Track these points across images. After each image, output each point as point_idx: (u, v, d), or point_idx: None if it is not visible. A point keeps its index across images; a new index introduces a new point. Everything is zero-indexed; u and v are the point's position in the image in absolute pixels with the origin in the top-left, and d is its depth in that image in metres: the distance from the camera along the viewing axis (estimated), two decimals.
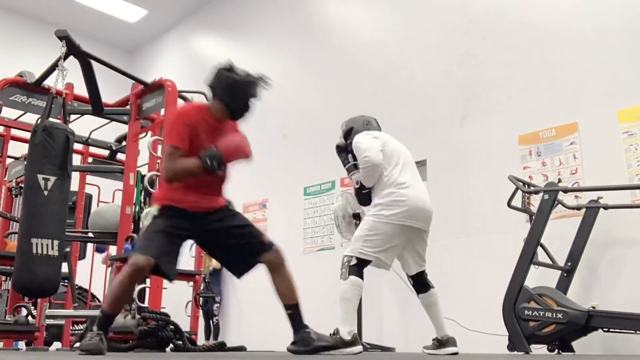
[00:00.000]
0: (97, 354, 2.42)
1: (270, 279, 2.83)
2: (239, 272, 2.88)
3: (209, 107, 2.79)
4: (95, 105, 4.34)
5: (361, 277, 3.05)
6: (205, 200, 2.75)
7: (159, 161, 4.25)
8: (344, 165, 3.52)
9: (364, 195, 3.38)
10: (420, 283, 3.27)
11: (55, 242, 3.41)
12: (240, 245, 2.79)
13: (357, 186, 3.36)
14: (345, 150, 3.51)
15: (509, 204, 4.13)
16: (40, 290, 3.57)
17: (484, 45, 5.37)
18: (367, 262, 3.10)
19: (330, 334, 3.00)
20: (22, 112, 4.82)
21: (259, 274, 4.17)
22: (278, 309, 2.91)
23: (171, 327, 3.59)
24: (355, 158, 3.40)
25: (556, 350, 3.76)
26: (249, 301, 6.92)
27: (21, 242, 3.41)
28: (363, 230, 3.13)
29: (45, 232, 3.37)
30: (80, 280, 5.79)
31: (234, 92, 2.79)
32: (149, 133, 4.80)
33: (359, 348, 2.94)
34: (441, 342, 3.19)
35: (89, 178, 5.90)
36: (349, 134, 3.52)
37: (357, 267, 3.06)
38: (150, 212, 2.69)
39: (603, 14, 4.65)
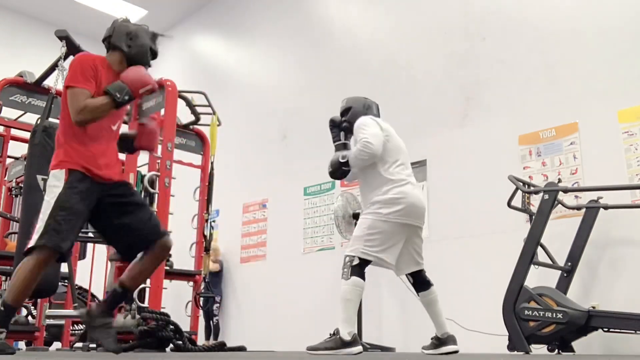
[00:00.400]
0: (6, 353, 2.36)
1: (141, 256, 2.69)
2: (128, 253, 2.75)
3: (107, 59, 2.72)
4: None
5: (363, 277, 3.03)
6: (109, 169, 2.67)
7: (158, 161, 4.26)
8: (334, 141, 3.41)
9: (342, 171, 3.30)
10: (420, 281, 3.24)
11: None
12: (136, 227, 2.67)
13: (342, 160, 3.24)
14: (338, 127, 3.43)
15: (509, 204, 4.13)
16: (40, 290, 3.57)
17: (484, 45, 5.37)
18: (369, 262, 3.07)
19: (330, 334, 3.01)
20: (22, 112, 4.82)
21: (258, 274, 4.16)
22: (278, 309, 2.91)
23: (171, 327, 3.59)
24: (347, 137, 3.36)
25: (556, 350, 3.76)
26: (249, 301, 6.93)
27: (21, 242, 3.41)
28: (363, 230, 3.09)
29: None
30: (80, 280, 5.79)
31: (131, 39, 2.73)
32: None
33: (359, 348, 2.93)
34: (441, 340, 3.15)
35: None
36: (346, 112, 3.46)
37: (359, 267, 3.02)
38: (54, 175, 2.57)
39: (603, 14, 4.65)
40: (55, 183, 2.58)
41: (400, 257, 3.17)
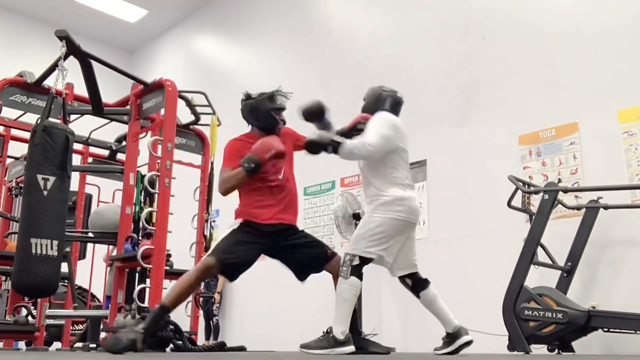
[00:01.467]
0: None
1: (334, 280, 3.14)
2: (305, 274, 3.29)
3: (251, 134, 3.25)
4: (95, 105, 4.34)
5: (361, 277, 3.02)
6: (278, 216, 3.16)
7: (158, 161, 4.25)
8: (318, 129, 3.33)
9: (323, 149, 3.15)
10: (417, 281, 3.15)
11: (55, 242, 3.40)
12: (310, 253, 3.21)
13: (334, 144, 3.10)
14: (316, 117, 3.38)
15: (509, 204, 4.13)
16: (39, 290, 3.57)
17: (484, 45, 5.37)
18: (369, 261, 3.05)
19: (323, 332, 3.00)
20: (22, 112, 4.82)
21: (258, 274, 4.16)
22: (278, 309, 2.92)
23: (171, 327, 3.59)
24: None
25: (556, 350, 3.76)
26: (249, 301, 6.92)
27: (20, 242, 3.40)
28: (365, 229, 3.04)
29: (44, 232, 3.37)
30: (80, 280, 5.79)
31: (255, 113, 3.23)
32: (149, 133, 4.79)
33: (351, 348, 2.90)
34: (452, 335, 3.06)
35: (89, 178, 5.90)
36: (364, 101, 3.45)
37: (359, 267, 3.01)
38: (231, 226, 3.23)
39: (603, 14, 4.65)
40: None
41: (397, 257, 3.11)
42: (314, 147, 3.17)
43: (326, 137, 3.16)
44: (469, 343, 3.06)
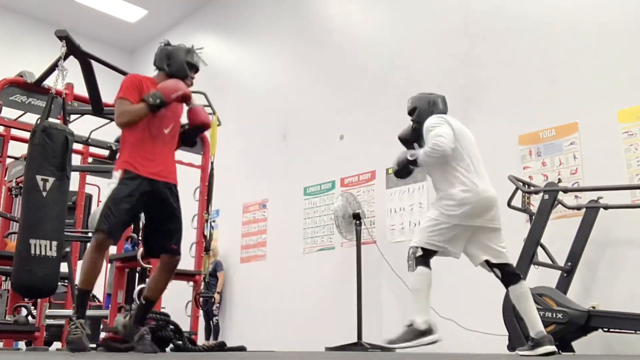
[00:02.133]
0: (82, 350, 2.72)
1: (155, 273, 3.18)
2: (153, 250, 3.18)
3: (156, 79, 3.18)
4: (95, 105, 4.34)
5: (428, 266, 3.06)
6: (160, 170, 3.06)
7: None
8: (410, 156, 3.31)
9: (407, 170, 3.31)
10: (506, 274, 3.14)
11: (54, 243, 3.40)
12: (170, 231, 3.09)
13: (410, 158, 3.22)
14: (409, 142, 3.40)
15: (509, 204, 4.13)
16: (38, 290, 3.57)
17: (484, 45, 5.37)
18: (433, 253, 3.10)
19: (406, 326, 3.06)
20: (22, 112, 4.82)
21: (258, 274, 4.15)
22: (278, 309, 2.92)
23: (171, 327, 3.59)
24: (418, 140, 3.31)
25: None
26: (249, 301, 6.92)
27: (20, 242, 3.41)
28: (427, 222, 3.13)
29: (43, 233, 3.37)
30: None
31: (169, 59, 3.23)
32: None
33: (436, 336, 2.96)
34: (535, 341, 2.96)
35: (89, 178, 5.90)
36: (412, 112, 3.44)
37: (423, 257, 3.07)
38: (113, 175, 3.03)
39: (603, 14, 4.65)
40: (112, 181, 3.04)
41: (472, 247, 3.15)
42: (399, 174, 3.37)
43: (401, 159, 3.31)
44: (552, 354, 2.94)
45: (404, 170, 3.33)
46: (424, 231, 3.12)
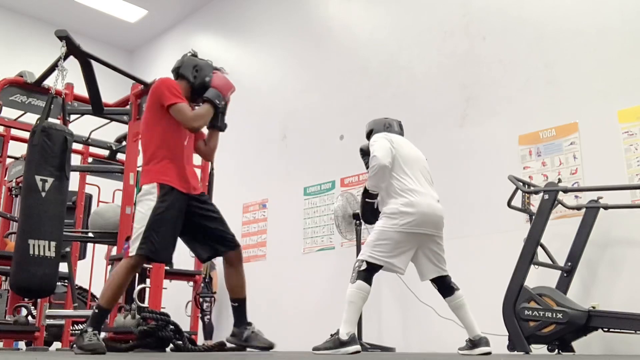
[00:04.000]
0: (100, 353, 2.66)
1: (228, 272, 3.11)
2: (206, 252, 3.08)
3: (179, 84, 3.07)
4: (95, 105, 4.34)
5: (369, 282, 3.13)
6: (191, 182, 2.99)
7: None
8: (367, 169, 3.44)
9: (369, 209, 3.39)
10: (444, 287, 3.30)
11: (53, 244, 3.40)
12: (212, 236, 3.02)
13: (363, 194, 3.37)
14: (367, 154, 3.47)
15: (509, 204, 4.12)
16: (37, 291, 3.57)
17: (484, 45, 5.37)
18: (378, 267, 3.17)
19: (331, 335, 3.13)
20: (22, 112, 4.82)
21: (258, 274, 4.15)
22: (278, 309, 2.92)
23: (171, 327, 3.59)
24: None
25: (556, 350, 3.76)
26: (249, 301, 6.91)
27: (18, 242, 3.41)
28: (373, 237, 3.20)
29: (42, 233, 3.37)
30: (80, 280, 5.79)
31: (197, 71, 3.13)
32: None
33: (355, 347, 3.00)
34: (473, 343, 3.21)
35: (89, 178, 5.90)
36: (369, 135, 3.57)
37: (366, 272, 3.14)
38: (146, 190, 2.86)
39: (603, 14, 4.65)
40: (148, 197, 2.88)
41: (419, 264, 3.27)
42: (367, 218, 3.48)
43: (360, 205, 3.47)
44: (487, 354, 3.16)
45: (368, 212, 3.42)
46: (369, 245, 3.19)
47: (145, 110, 3.06)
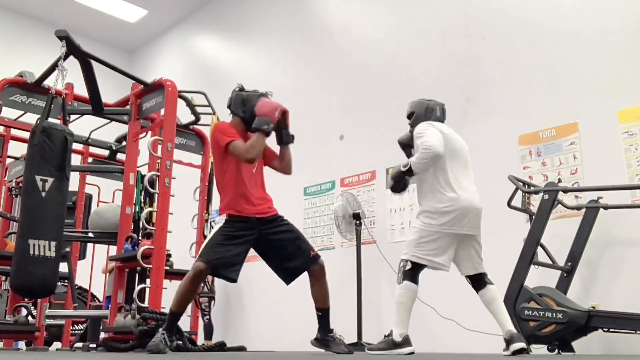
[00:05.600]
0: (159, 353, 2.86)
1: (313, 284, 3.24)
2: (288, 275, 3.30)
3: (232, 122, 3.29)
4: (95, 105, 4.34)
5: (415, 281, 3.15)
6: (258, 207, 3.19)
7: (158, 161, 4.26)
8: (408, 160, 3.34)
9: (404, 183, 3.35)
10: (477, 282, 3.28)
11: (53, 244, 3.40)
12: (290, 255, 3.21)
13: (403, 169, 3.24)
14: (408, 145, 3.44)
15: (509, 204, 4.13)
16: (37, 291, 3.57)
17: (484, 45, 5.37)
18: (422, 266, 3.17)
19: (384, 336, 3.19)
20: (22, 112, 4.82)
21: (258, 273, 4.15)
22: (278, 309, 2.94)
23: None
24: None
25: (556, 350, 3.76)
26: (249, 301, 6.92)
27: (18, 242, 3.41)
28: (414, 235, 3.19)
29: (42, 233, 3.37)
30: (80, 280, 5.79)
31: (245, 105, 3.28)
32: (149, 133, 4.79)
33: (410, 349, 3.05)
34: (506, 340, 3.10)
35: (89, 178, 5.90)
36: (410, 117, 3.53)
37: (412, 271, 3.14)
38: (218, 220, 3.20)
39: (603, 14, 4.65)
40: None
41: (458, 259, 3.26)
42: (395, 189, 3.40)
43: (395, 172, 3.33)
44: (521, 351, 3.03)
45: (400, 184, 3.37)
46: (412, 244, 3.18)
47: (212, 153, 3.32)
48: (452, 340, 4.78)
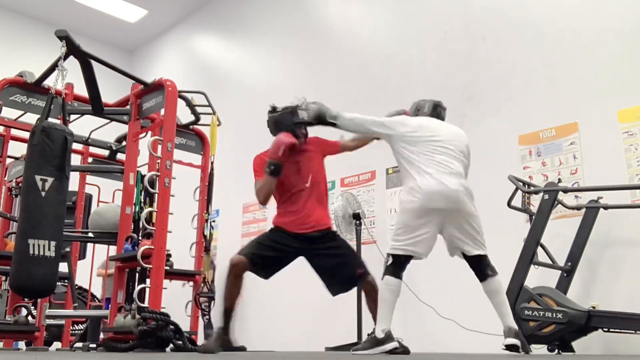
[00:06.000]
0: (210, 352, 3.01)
1: (365, 300, 3.37)
2: (334, 291, 3.46)
3: None
4: (95, 105, 4.34)
5: (397, 275, 3.05)
6: (305, 223, 3.34)
7: (158, 161, 4.26)
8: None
9: (289, 126, 3.50)
10: (479, 269, 3.13)
11: (52, 243, 3.40)
12: (337, 270, 3.35)
13: (329, 118, 3.41)
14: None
15: (509, 204, 4.13)
16: (37, 291, 3.57)
17: (484, 45, 5.36)
18: (406, 260, 3.08)
19: (367, 334, 3.17)
20: (22, 112, 4.82)
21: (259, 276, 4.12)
22: (278, 309, 2.95)
23: (171, 327, 3.59)
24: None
25: (556, 350, 3.76)
26: (249, 301, 6.91)
27: (18, 242, 3.40)
28: (394, 226, 3.18)
29: (42, 233, 3.37)
30: (80, 280, 5.79)
31: (277, 127, 3.51)
32: (149, 133, 4.79)
33: (392, 345, 2.97)
34: (504, 334, 2.99)
35: (89, 178, 5.90)
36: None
37: (393, 265, 3.07)
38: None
39: (603, 14, 4.65)
40: None
41: (447, 242, 3.16)
42: (313, 123, 3.50)
43: (318, 111, 3.51)
44: (512, 346, 2.95)
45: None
46: (391, 238, 3.14)
47: None
48: (452, 340, 4.78)
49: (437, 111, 3.55)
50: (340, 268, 3.31)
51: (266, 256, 3.28)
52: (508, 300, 3.72)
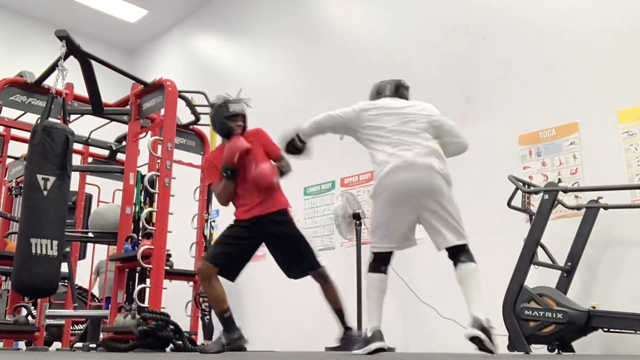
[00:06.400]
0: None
1: (322, 289, 3.43)
2: (293, 275, 3.49)
3: (222, 145, 3.45)
4: (95, 105, 4.34)
5: (377, 270, 2.95)
6: (254, 208, 3.36)
7: (158, 161, 4.26)
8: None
9: (291, 146, 3.56)
10: (455, 256, 2.97)
11: (55, 243, 3.40)
12: (292, 255, 3.38)
13: (291, 137, 3.48)
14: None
15: (509, 204, 4.13)
16: (39, 290, 3.57)
17: (484, 45, 5.37)
18: (385, 254, 2.97)
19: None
20: (22, 112, 4.82)
21: (258, 274, 4.15)
22: (277, 309, 2.95)
23: (171, 327, 3.59)
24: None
25: (556, 350, 3.76)
26: (249, 301, 6.92)
27: (20, 242, 3.40)
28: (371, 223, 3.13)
29: (44, 232, 3.37)
30: (80, 280, 5.80)
31: (214, 123, 3.47)
32: (149, 133, 4.80)
33: (377, 344, 2.85)
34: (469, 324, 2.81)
35: (89, 178, 5.90)
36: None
37: (374, 262, 2.98)
38: None
39: (603, 14, 4.65)
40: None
41: (428, 233, 3.00)
42: (289, 151, 3.56)
43: (287, 135, 3.49)
44: (474, 337, 2.92)
45: (290, 146, 3.57)
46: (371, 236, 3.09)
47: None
48: (452, 340, 4.77)
49: (399, 92, 3.42)
50: (297, 253, 3.34)
51: (226, 253, 3.29)
52: (508, 300, 3.74)
